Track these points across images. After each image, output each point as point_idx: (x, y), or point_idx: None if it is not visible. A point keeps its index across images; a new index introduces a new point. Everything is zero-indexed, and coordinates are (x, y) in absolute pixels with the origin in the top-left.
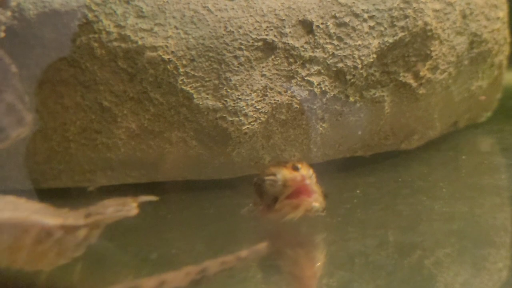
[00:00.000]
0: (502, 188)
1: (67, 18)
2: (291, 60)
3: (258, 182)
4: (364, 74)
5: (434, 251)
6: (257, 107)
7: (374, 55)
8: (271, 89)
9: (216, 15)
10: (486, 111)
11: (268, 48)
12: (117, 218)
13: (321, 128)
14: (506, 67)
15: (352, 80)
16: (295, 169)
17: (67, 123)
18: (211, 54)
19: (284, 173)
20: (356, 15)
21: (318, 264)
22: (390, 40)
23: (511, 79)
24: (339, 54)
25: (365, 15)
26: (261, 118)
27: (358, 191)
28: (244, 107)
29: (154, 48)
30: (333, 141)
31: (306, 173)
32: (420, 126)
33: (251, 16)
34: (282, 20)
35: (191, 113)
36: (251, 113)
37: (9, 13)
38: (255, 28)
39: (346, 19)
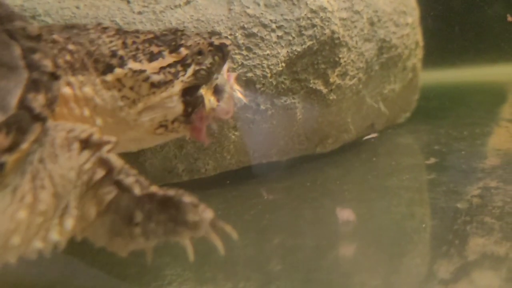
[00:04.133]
0: (402, 188)
1: None
2: None
3: None
4: (274, 83)
5: (326, 253)
6: None
7: (283, 64)
8: None
9: None
10: (405, 112)
11: None
12: None
13: (233, 136)
14: (420, 69)
15: (262, 89)
16: None
17: None
18: None
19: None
20: (265, 26)
21: None
22: (299, 49)
23: (428, 79)
24: (248, 64)
25: (273, 25)
26: None
27: (270, 197)
28: None
29: None
30: (247, 148)
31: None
32: (333, 130)
33: (159, 29)
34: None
35: None
36: None
37: None
38: None
39: (255, 30)
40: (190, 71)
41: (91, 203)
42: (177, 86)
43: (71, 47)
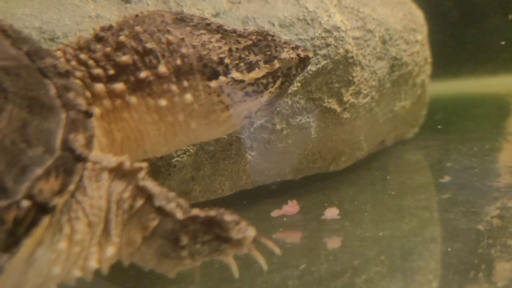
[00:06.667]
0: (420, 209)
1: None
2: None
3: None
4: (290, 102)
5: (352, 279)
6: None
7: (298, 84)
8: None
9: None
10: (413, 128)
11: None
12: None
13: (249, 157)
14: (428, 84)
15: (278, 109)
16: None
17: None
18: None
19: None
20: None
21: None
22: (313, 68)
23: (435, 90)
24: None
25: None
26: (190, 150)
27: (285, 219)
28: None
29: None
30: (262, 167)
31: None
32: (346, 148)
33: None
34: None
35: None
36: None
37: None
38: None
39: None
40: (278, 83)
41: (136, 229)
42: (265, 96)
43: (184, 50)
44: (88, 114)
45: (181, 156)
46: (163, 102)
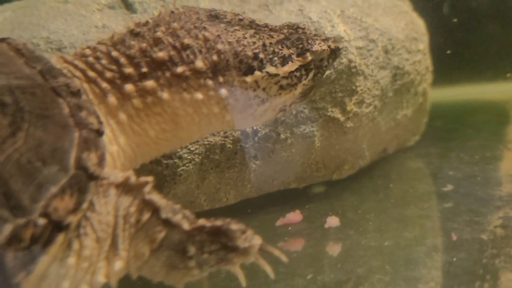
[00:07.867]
0: (424, 218)
1: None
2: None
3: None
4: (294, 112)
5: None
6: (191, 148)
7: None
8: None
9: None
10: (414, 135)
11: None
12: None
13: (254, 166)
14: (429, 92)
15: (282, 118)
16: None
17: None
18: None
19: None
20: None
21: None
22: None
23: (434, 97)
24: None
25: None
26: (196, 160)
27: (290, 228)
28: (179, 150)
29: None
30: (267, 176)
31: None
32: (349, 156)
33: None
34: None
35: None
36: (185, 155)
37: None
38: None
39: None
40: (311, 75)
41: (143, 243)
42: (299, 89)
43: (220, 46)
44: (99, 133)
45: (187, 165)
46: (199, 96)
